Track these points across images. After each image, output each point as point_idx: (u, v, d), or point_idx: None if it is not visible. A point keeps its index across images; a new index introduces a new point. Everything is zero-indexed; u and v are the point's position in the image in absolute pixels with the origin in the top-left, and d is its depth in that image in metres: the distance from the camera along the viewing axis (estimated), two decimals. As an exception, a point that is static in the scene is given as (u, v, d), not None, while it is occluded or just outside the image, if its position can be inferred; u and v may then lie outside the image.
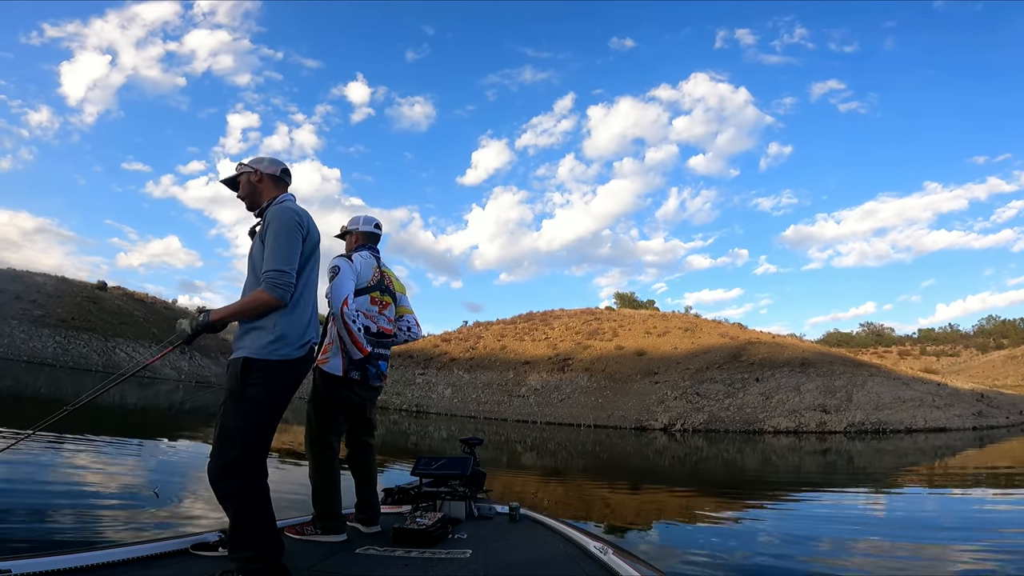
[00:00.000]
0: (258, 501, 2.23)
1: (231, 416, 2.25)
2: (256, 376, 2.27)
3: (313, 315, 2.54)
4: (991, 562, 4.63)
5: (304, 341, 2.44)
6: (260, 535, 2.20)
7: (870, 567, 4.55)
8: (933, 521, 6.42)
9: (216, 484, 2.21)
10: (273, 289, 2.27)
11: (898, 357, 49.23)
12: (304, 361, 2.45)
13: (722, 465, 12.92)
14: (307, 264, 2.47)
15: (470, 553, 2.77)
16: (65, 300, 35.03)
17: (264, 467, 2.31)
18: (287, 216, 2.40)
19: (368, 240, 3.46)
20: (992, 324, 59.06)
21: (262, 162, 2.63)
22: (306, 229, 2.44)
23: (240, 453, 2.21)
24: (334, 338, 3.11)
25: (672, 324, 31.41)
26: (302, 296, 2.44)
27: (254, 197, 2.61)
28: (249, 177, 2.61)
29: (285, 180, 2.65)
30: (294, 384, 2.42)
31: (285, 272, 2.29)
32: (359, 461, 3.34)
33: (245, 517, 2.20)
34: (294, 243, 2.36)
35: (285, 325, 2.35)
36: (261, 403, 2.28)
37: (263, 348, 2.30)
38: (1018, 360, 43.03)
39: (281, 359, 2.32)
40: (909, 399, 20.63)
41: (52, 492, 5.46)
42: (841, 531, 5.80)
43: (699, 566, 4.49)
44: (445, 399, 26.67)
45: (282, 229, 2.36)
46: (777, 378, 22.12)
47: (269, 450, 2.38)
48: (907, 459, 13.52)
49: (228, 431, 2.24)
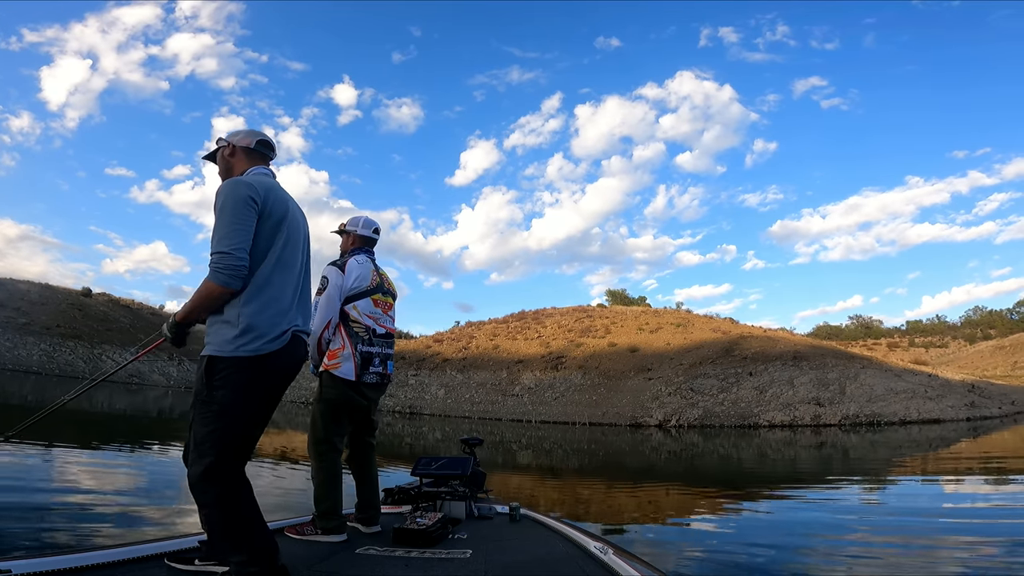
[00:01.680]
0: (241, 507, 2.05)
1: (200, 422, 2.06)
2: (221, 377, 2.05)
3: (295, 299, 2.27)
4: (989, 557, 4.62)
5: (281, 331, 2.16)
6: (250, 538, 2.04)
7: (869, 563, 4.54)
8: (928, 512, 6.45)
9: (195, 493, 2.04)
10: (215, 275, 2.02)
11: (887, 349, 49.48)
12: (285, 354, 2.18)
13: (718, 460, 12.91)
14: (274, 241, 2.18)
15: (470, 553, 2.76)
16: (50, 307, 34.70)
17: (243, 473, 2.11)
18: (234, 188, 2.12)
19: (365, 244, 3.47)
20: (979, 315, 59.76)
21: (238, 134, 2.43)
22: (262, 201, 2.15)
23: (215, 460, 2.01)
24: (344, 342, 3.16)
25: (664, 320, 31.49)
26: (271, 279, 2.16)
27: (227, 172, 2.39)
28: (223, 152, 2.41)
29: (263, 152, 2.42)
30: (275, 381, 2.19)
31: (227, 254, 2.02)
32: (360, 461, 3.36)
33: (230, 524, 2.03)
34: (241, 218, 2.07)
35: (251, 315, 2.08)
36: (232, 405, 2.05)
37: (228, 343, 2.06)
38: (1006, 350, 43.45)
39: (251, 355, 2.07)
40: (902, 391, 20.74)
41: (48, 494, 5.46)
42: (839, 526, 5.81)
43: (699, 565, 4.50)
44: (438, 400, 26.55)
45: (227, 204, 2.08)
46: (770, 372, 22.18)
47: (250, 455, 2.19)
48: (902, 451, 13.57)
49: (200, 438, 2.04)
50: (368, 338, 3.20)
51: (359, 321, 3.19)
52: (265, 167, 2.40)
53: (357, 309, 3.20)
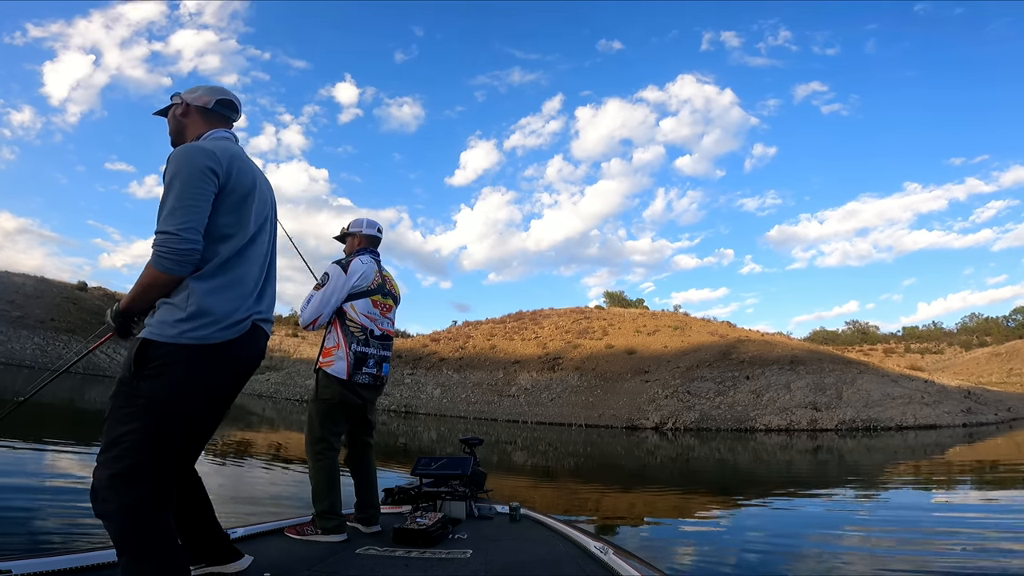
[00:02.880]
0: (150, 530, 1.66)
1: (119, 418, 1.69)
2: (156, 366, 1.70)
3: (259, 282, 1.95)
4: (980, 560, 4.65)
5: (238, 319, 1.83)
6: (159, 564, 1.66)
7: (868, 564, 4.57)
8: (922, 516, 6.48)
9: (94, 502, 1.65)
10: (157, 260, 1.68)
11: (883, 355, 49.64)
12: (242, 344, 1.85)
13: (715, 464, 12.89)
14: (239, 217, 1.87)
15: (470, 553, 2.75)
16: (44, 301, 34.56)
17: (164, 489, 1.74)
18: (190, 156, 1.76)
19: (370, 244, 3.47)
20: (975, 322, 59.90)
21: (196, 91, 2.04)
22: (224, 172, 1.81)
23: (130, 466, 1.64)
24: (339, 341, 3.15)
25: (662, 323, 31.51)
26: (231, 260, 1.84)
27: (177, 135, 2.02)
28: (174, 111, 2.02)
29: (223, 114, 2.05)
30: (225, 376, 1.87)
31: (172, 235, 1.67)
32: (359, 461, 3.34)
33: (133, 550, 1.64)
34: (195, 192, 1.73)
35: (204, 296, 1.75)
36: (162, 401, 1.70)
37: (169, 327, 1.71)
38: (1002, 357, 43.57)
39: (196, 343, 1.73)
40: (898, 396, 20.76)
41: (48, 494, 5.44)
42: (837, 528, 5.82)
43: (698, 565, 4.51)
44: (434, 399, 26.49)
45: (180, 175, 1.73)
46: (767, 376, 22.19)
47: (186, 464, 1.97)
48: (898, 456, 13.57)
49: (114, 436, 1.67)
50: (364, 338, 3.18)
51: (355, 320, 3.18)
52: (227, 130, 2.04)
53: (354, 308, 3.19)
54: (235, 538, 2.80)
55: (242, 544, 2.77)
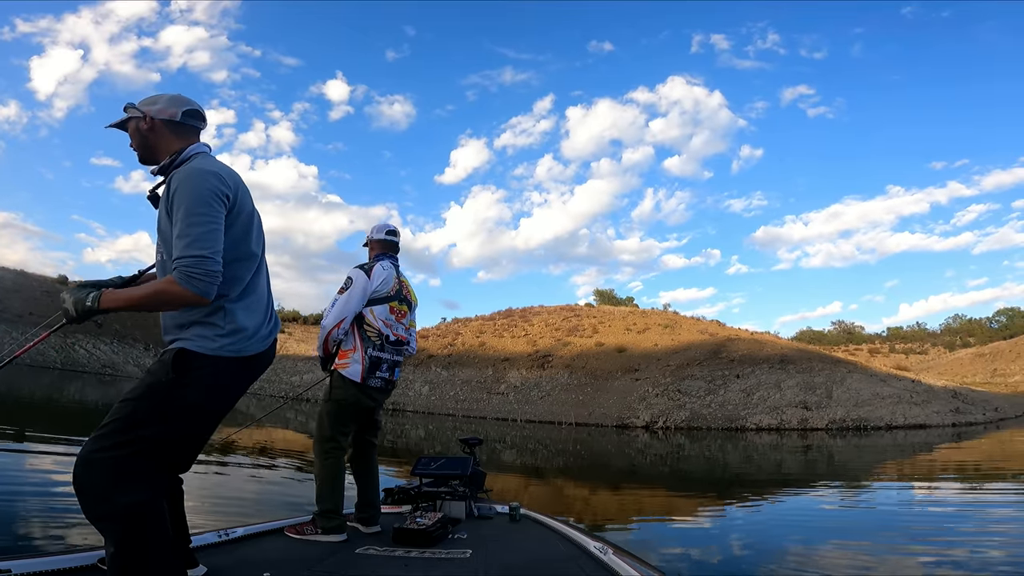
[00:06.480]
0: (156, 525, 1.69)
1: (146, 420, 1.72)
2: (196, 375, 1.78)
3: (268, 295, 2.05)
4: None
5: (267, 332, 1.98)
6: (160, 564, 1.69)
7: (860, 562, 4.60)
8: (911, 514, 6.55)
9: (102, 499, 1.64)
10: (189, 281, 1.68)
11: (869, 355, 50.10)
12: (265, 356, 1.97)
13: (706, 463, 12.92)
14: (249, 236, 1.94)
15: (470, 553, 2.76)
16: (23, 295, 34.04)
17: (164, 491, 1.82)
18: (202, 180, 1.78)
19: (385, 248, 3.56)
20: (959, 323, 60.62)
21: (155, 102, 1.96)
22: (233, 195, 1.86)
23: (151, 463, 1.71)
24: (356, 344, 3.22)
25: (652, 321, 31.55)
26: (253, 278, 1.95)
27: (146, 150, 1.98)
28: (138, 124, 1.96)
29: (192, 125, 2.00)
30: (247, 383, 1.97)
31: (206, 258, 1.70)
32: (362, 461, 3.41)
33: (141, 548, 1.65)
34: (214, 217, 1.76)
35: (239, 315, 1.86)
36: (196, 406, 1.80)
37: (210, 341, 1.81)
38: (986, 358, 44.19)
39: (233, 355, 1.84)
40: (887, 396, 20.92)
41: (48, 493, 5.36)
42: (828, 526, 5.87)
43: (698, 565, 4.52)
44: (422, 397, 26.37)
45: (196, 201, 1.74)
46: (757, 375, 22.28)
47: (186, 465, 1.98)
48: (887, 455, 13.66)
49: (135, 437, 1.70)
50: (380, 343, 3.26)
51: (373, 325, 3.26)
52: (204, 143, 2.03)
53: (373, 313, 3.27)
54: (235, 538, 2.80)
55: (242, 544, 2.74)
